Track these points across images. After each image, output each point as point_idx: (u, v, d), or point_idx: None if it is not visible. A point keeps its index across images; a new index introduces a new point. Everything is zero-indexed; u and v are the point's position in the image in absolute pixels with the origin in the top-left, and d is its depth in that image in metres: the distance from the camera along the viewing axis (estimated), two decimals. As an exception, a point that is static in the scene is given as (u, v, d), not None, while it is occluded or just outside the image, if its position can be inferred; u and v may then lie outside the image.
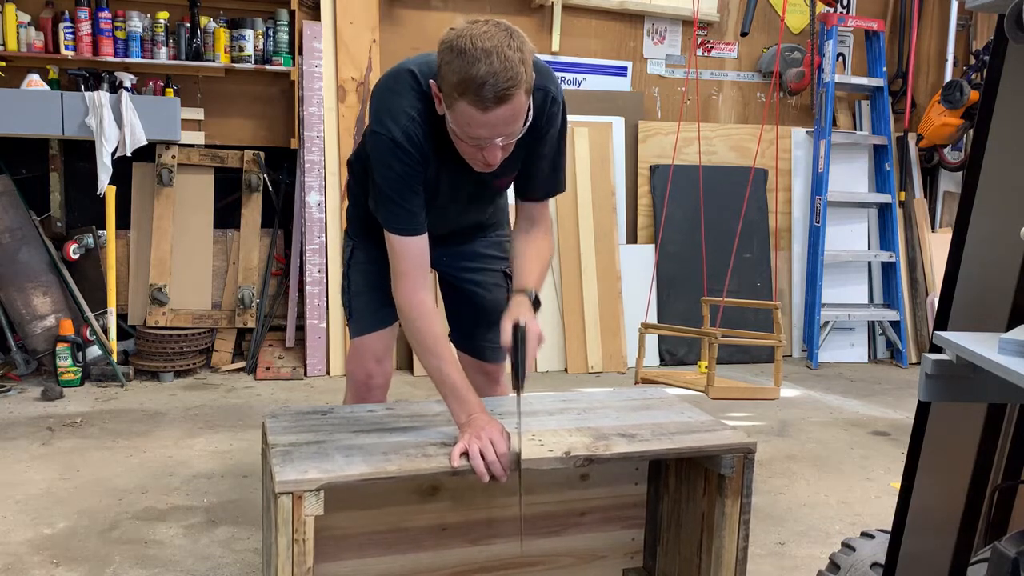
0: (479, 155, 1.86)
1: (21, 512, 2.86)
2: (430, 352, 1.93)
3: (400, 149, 1.88)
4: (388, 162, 1.91)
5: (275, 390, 4.41)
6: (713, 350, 3.78)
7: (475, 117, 1.75)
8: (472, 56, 1.70)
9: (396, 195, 1.92)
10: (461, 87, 1.72)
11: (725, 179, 5.35)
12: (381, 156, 1.92)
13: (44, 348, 4.46)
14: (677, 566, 2.20)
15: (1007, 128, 1.33)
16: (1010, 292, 1.31)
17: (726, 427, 2.03)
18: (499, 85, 1.71)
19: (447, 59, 1.75)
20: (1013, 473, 1.50)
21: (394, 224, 1.95)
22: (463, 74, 1.71)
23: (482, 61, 1.70)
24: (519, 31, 1.78)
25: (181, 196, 4.78)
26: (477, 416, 1.83)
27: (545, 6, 5.30)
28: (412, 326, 1.96)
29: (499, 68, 1.70)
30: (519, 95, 1.75)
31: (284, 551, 1.63)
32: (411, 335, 1.97)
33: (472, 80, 1.70)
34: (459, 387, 1.89)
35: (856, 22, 5.68)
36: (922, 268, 5.76)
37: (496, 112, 1.74)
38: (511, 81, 1.71)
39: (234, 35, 4.71)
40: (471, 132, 1.79)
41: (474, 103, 1.73)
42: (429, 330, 1.93)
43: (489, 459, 1.75)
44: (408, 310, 1.95)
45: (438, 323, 1.96)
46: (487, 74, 1.69)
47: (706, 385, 3.75)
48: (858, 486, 3.35)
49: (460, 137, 1.84)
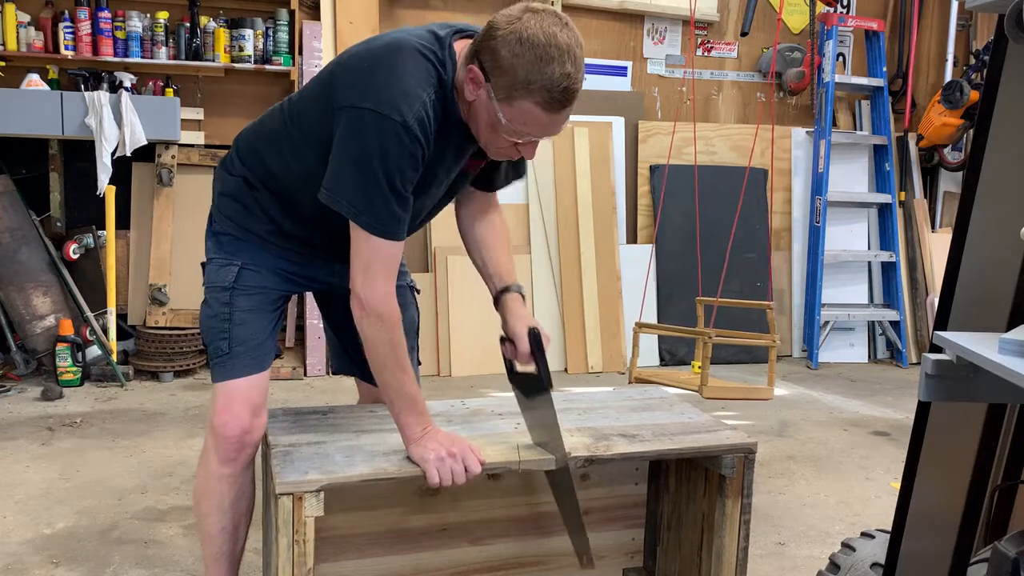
0: (512, 149, 1.74)
1: (21, 512, 2.86)
2: (399, 366, 1.74)
3: (410, 137, 1.64)
4: (390, 150, 1.65)
5: (275, 390, 4.41)
6: (707, 350, 3.78)
7: (538, 117, 1.64)
8: (548, 54, 1.59)
9: (389, 191, 1.67)
10: (533, 85, 1.60)
11: (725, 179, 5.35)
12: (382, 143, 1.64)
13: (44, 348, 4.46)
14: (677, 566, 2.20)
15: (1007, 128, 1.33)
16: (1010, 292, 1.31)
17: (726, 427, 2.03)
18: (572, 88, 1.62)
19: (514, 51, 1.60)
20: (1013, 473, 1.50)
21: (378, 226, 1.69)
22: (539, 72, 1.59)
23: (557, 61, 1.59)
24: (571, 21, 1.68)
25: (181, 196, 4.78)
26: (433, 430, 1.75)
27: (545, 6, 5.29)
28: (384, 336, 1.72)
29: (573, 70, 1.61)
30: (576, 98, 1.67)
31: (284, 552, 1.63)
32: (381, 345, 1.73)
33: (549, 80, 1.59)
34: (418, 400, 1.76)
35: (856, 22, 5.68)
36: (922, 268, 5.76)
37: (561, 114, 1.65)
38: (580, 83, 1.63)
39: (234, 35, 4.72)
40: (524, 129, 1.67)
41: (543, 104, 1.62)
42: (399, 342, 1.74)
43: (458, 482, 1.70)
44: (387, 317, 1.72)
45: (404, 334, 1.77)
46: (563, 76, 1.60)
47: (700, 385, 3.76)
48: (858, 486, 3.34)
49: (503, 131, 1.68)
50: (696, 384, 3.78)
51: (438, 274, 4.91)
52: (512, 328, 1.86)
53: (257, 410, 1.89)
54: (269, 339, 1.95)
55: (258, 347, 1.91)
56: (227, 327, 1.89)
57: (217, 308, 1.91)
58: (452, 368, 4.82)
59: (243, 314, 1.90)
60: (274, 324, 1.98)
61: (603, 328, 5.09)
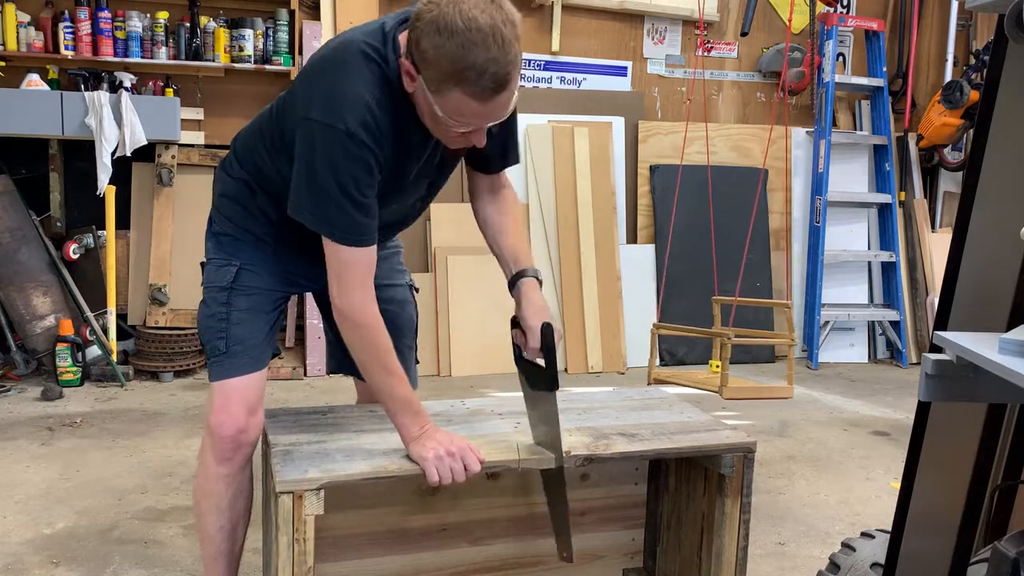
0: (462, 138, 1.68)
1: (21, 512, 2.86)
2: (385, 369, 1.73)
3: (356, 143, 1.61)
4: (338, 160, 1.62)
5: (275, 390, 4.41)
6: (726, 350, 3.76)
7: (472, 107, 1.57)
8: (467, 39, 1.49)
9: (346, 200, 1.64)
10: (456, 76, 1.52)
11: (725, 179, 5.35)
12: (331, 153, 1.62)
13: (44, 348, 4.46)
14: (677, 566, 2.20)
15: (1007, 128, 1.33)
16: (1010, 292, 1.31)
17: (726, 427, 2.03)
18: (500, 72, 1.52)
19: (434, 41, 1.51)
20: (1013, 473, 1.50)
21: (342, 235, 1.67)
22: (458, 61, 1.51)
23: (479, 45, 1.49)
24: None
25: (181, 196, 4.78)
26: (431, 428, 1.74)
27: (545, 6, 5.30)
28: (364, 343, 1.73)
29: (498, 53, 1.50)
30: (516, 79, 1.57)
31: (284, 551, 1.63)
32: (363, 351, 1.74)
33: (470, 68, 1.51)
34: (412, 401, 1.75)
35: (856, 22, 5.68)
36: (922, 268, 5.76)
37: (496, 100, 1.57)
38: (511, 64, 1.53)
39: (234, 35, 4.72)
40: (463, 119, 1.61)
41: (472, 94, 1.54)
42: (383, 345, 1.73)
43: (458, 480, 1.69)
44: (363, 324, 1.71)
45: (388, 336, 1.75)
46: (487, 61, 1.50)
47: (720, 385, 3.74)
48: (858, 486, 3.34)
49: (443, 123, 1.63)
50: (715, 384, 3.76)
51: (438, 274, 4.91)
52: (526, 319, 1.81)
53: (253, 409, 1.89)
54: (266, 339, 1.95)
55: (255, 347, 1.92)
56: (224, 327, 1.90)
57: (215, 308, 1.91)
58: (452, 368, 4.82)
59: (240, 314, 1.91)
60: (272, 324, 1.98)
61: (603, 328, 5.09)
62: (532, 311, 1.81)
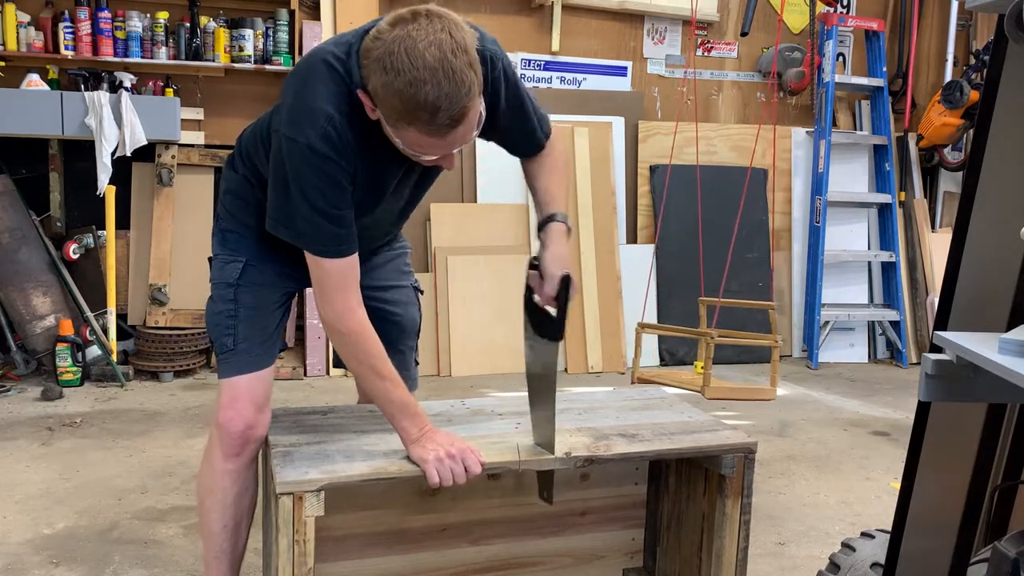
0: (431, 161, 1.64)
1: (21, 512, 2.86)
2: (377, 374, 1.73)
3: (319, 156, 1.58)
4: (304, 175, 1.61)
5: (275, 390, 4.36)
6: (709, 350, 3.78)
7: (429, 141, 1.53)
8: (414, 77, 1.43)
9: (315, 213, 1.63)
10: (408, 116, 1.48)
11: (725, 179, 5.35)
12: (297, 167, 1.61)
13: (44, 348, 4.46)
14: (677, 566, 2.20)
15: (1007, 128, 1.33)
16: (1010, 292, 1.31)
17: (726, 427, 2.03)
18: (454, 108, 1.46)
19: (382, 80, 1.47)
20: (1013, 473, 1.50)
21: (316, 247, 1.67)
22: (407, 101, 1.46)
23: (428, 83, 1.43)
24: (451, 17, 1.50)
25: (181, 196, 4.78)
26: (431, 430, 1.73)
27: (545, 6, 5.30)
28: (354, 349, 1.73)
29: (449, 88, 1.44)
30: (475, 106, 1.51)
31: (284, 552, 1.63)
32: (352, 358, 1.75)
33: (421, 108, 1.46)
34: (409, 403, 1.74)
35: (856, 22, 5.68)
36: (922, 268, 5.76)
37: (454, 133, 1.52)
38: (466, 97, 1.47)
39: (234, 35, 4.72)
40: (423, 151, 1.58)
41: (427, 132, 1.50)
42: (373, 351, 1.73)
43: (459, 482, 1.69)
44: (347, 332, 1.72)
45: (378, 341, 1.75)
46: (438, 99, 1.44)
47: (702, 385, 3.76)
48: (858, 486, 3.34)
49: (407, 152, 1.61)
50: (698, 384, 3.78)
51: (438, 274, 4.90)
52: (547, 266, 1.77)
53: (261, 406, 1.91)
54: (274, 335, 1.96)
55: (262, 343, 1.93)
56: (232, 323, 1.91)
57: (222, 305, 1.92)
58: (452, 368, 4.82)
59: (247, 310, 1.92)
60: (279, 320, 1.99)
61: (603, 328, 5.09)
62: (554, 258, 1.77)
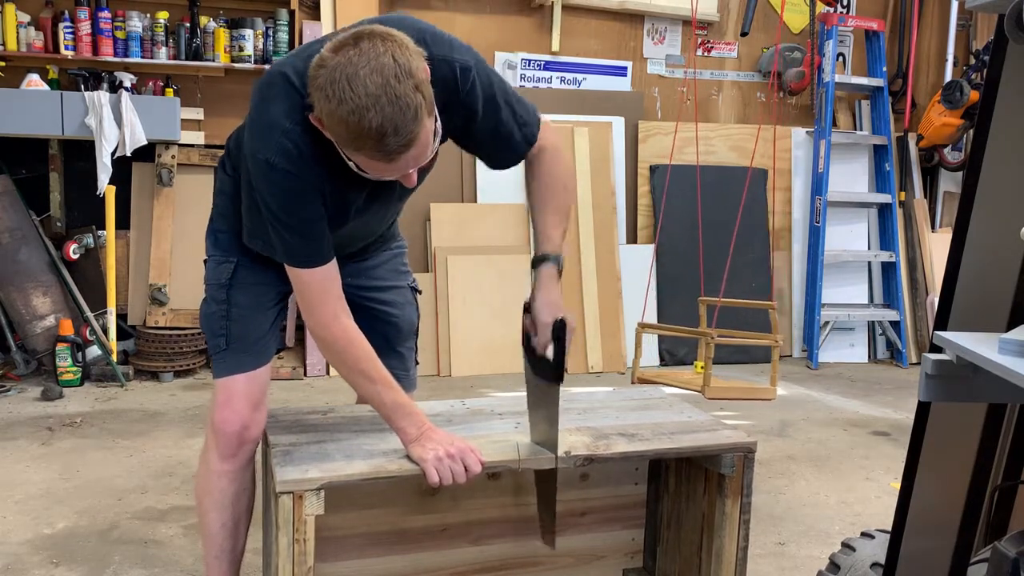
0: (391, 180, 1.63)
1: (21, 512, 2.86)
2: (367, 379, 1.72)
3: (279, 172, 1.57)
4: (270, 189, 1.61)
5: (275, 390, 4.41)
6: (709, 350, 3.77)
7: (379, 165, 1.51)
8: (357, 105, 1.40)
9: (282, 227, 1.63)
10: (355, 143, 1.46)
11: (725, 179, 5.35)
12: (259, 183, 1.62)
13: (44, 348, 4.46)
14: (677, 566, 2.20)
15: (1007, 128, 1.33)
16: (1010, 292, 1.31)
17: (726, 427, 2.03)
18: (401, 134, 1.44)
19: (326, 108, 1.44)
20: (1013, 473, 1.50)
21: (292, 259, 1.68)
22: (352, 128, 1.43)
23: (371, 110, 1.40)
24: (396, 38, 1.46)
25: (181, 196, 4.78)
26: (430, 429, 1.72)
27: (545, 6, 5.30)
28: (340, 356, 1.73)
29: (393, 113, 1.41)
30: (424, 127, 1.47)
31: (284, 551, 1.63)
32: (341, 365, 1.75)
33: (366, 136, 1.43)
34: (404, 403, 1.73)
35: (856, 22, 5.68)
36: (922, 268, 5.76)
37: (405, 156, 1.49)
38: (412, 121, 1.44)
39: (234, 35, 4.72)
40: (378, 175, 1.57)
41: (377, 157, 1.48)
42: (361, 356, 1.72)
43: (459, 482, 1.68)
44: (332, 340, 1.72)
45: (367, 345, 1.74)
46: (381, 125, 1.42)
47: (702, 385, 3.75)
48: (858, 486, 3.34)
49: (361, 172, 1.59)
50: (698, 384, 3.77)
51: (438, 274, 4.91)
52: (538, 314, 1.76)
53: (257, 405, 1.90)
54: (268, 334, 1.96)
55: (256, 342, 1.92)
56: (225, 323, 1.91)
57: (215, 305, 1.93)
58: (452, 368, 4.82)
59: (240, 310, 1.91)
60: (273, 320, 1.98)
61: (603, 328, 5.09)
62: (544, 305, 1.76)
